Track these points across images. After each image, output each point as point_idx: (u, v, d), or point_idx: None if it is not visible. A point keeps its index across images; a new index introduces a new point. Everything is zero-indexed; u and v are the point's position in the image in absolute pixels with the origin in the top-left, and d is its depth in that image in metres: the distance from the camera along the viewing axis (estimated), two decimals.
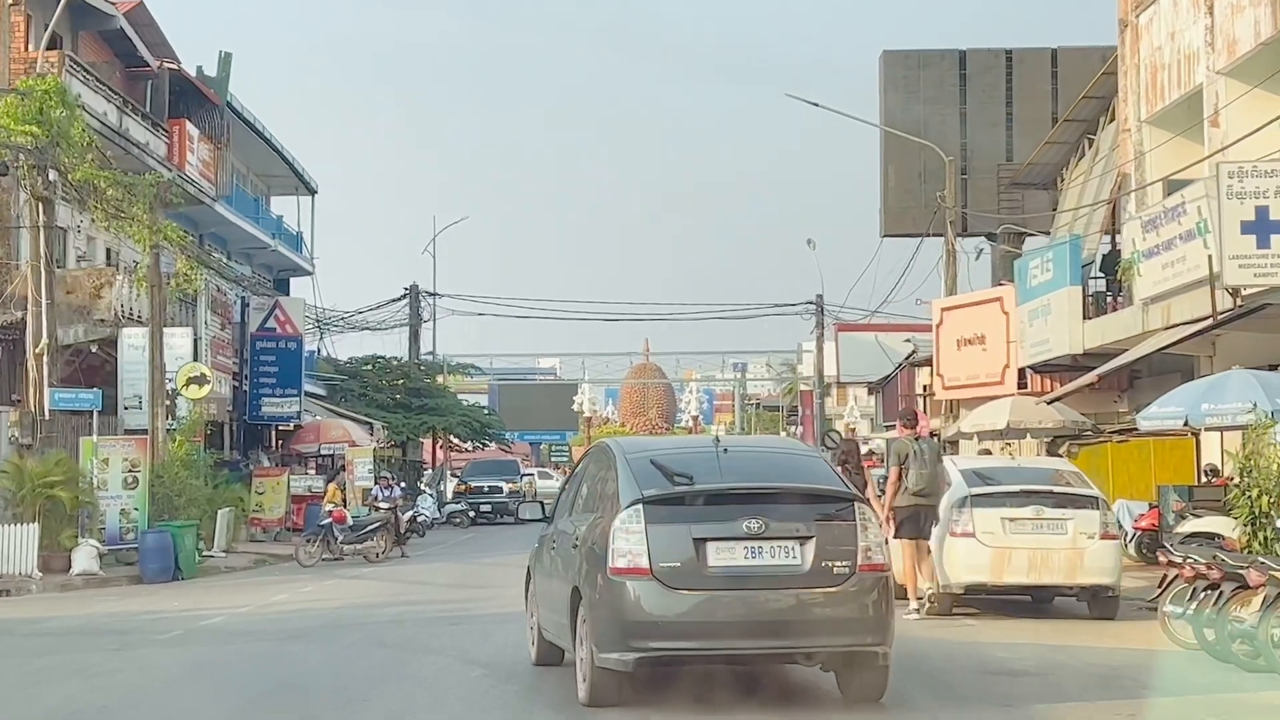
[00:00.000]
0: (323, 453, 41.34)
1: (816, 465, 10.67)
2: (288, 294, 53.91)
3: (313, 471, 39.44)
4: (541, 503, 13.75)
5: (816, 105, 36.59)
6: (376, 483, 31.78)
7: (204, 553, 29.49)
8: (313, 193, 54.99)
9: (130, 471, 26.98)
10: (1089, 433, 27.17)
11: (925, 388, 41.29)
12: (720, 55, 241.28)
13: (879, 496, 17.32)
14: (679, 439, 12.63)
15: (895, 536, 16.41)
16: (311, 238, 55.20)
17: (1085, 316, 26.70)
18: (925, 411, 38.03)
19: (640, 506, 9.58)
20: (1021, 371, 30.27)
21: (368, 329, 55.13)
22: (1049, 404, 27.00)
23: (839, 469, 17.53)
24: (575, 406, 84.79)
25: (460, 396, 65.98)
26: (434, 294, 58.49)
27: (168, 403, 30.44)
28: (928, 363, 40.08)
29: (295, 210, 54.59)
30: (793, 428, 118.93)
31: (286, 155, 50.37)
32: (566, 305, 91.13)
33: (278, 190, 54.97)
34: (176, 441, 28.58)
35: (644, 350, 77.37)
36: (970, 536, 16.20)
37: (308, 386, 51.67)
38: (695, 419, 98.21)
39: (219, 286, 37.51)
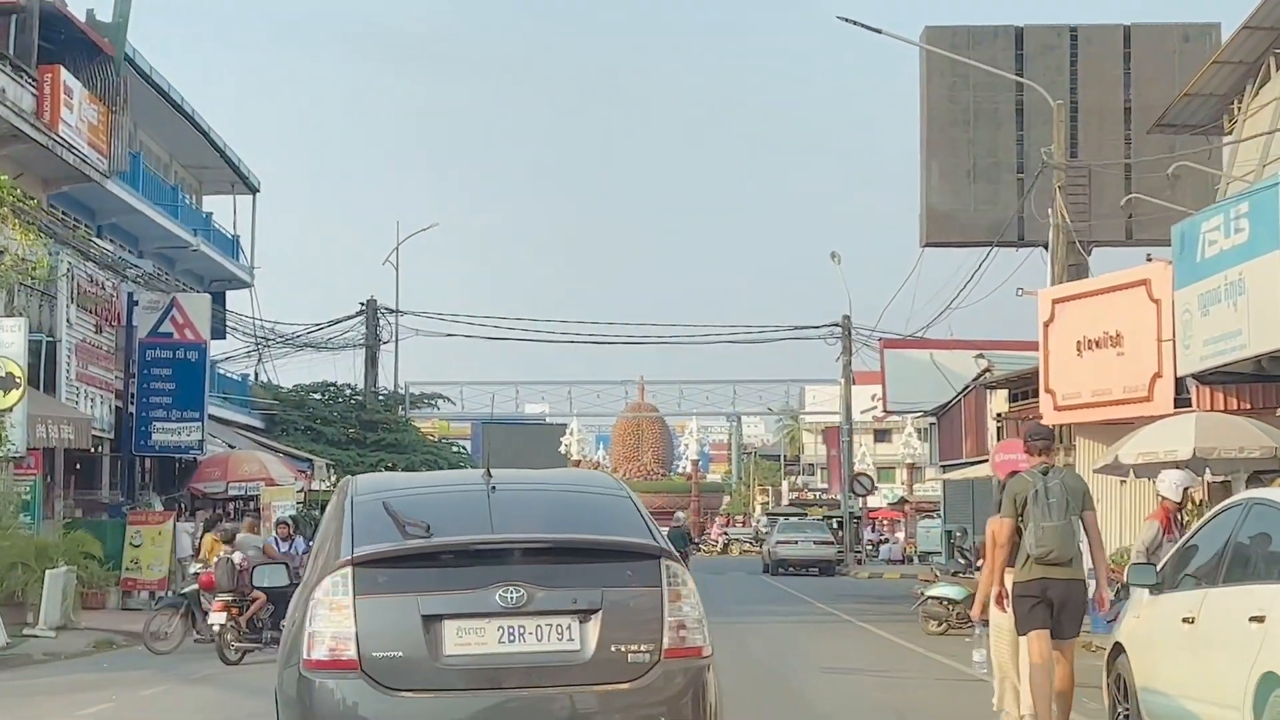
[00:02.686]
0: (231, 493, 32.50)
1: (619, 508, 7.66)
2: (224, 309, 45.41)
3: (203, 516, 30.27)
4: (286, 564, 11.47)
5: (879, 32, 27.99)
6: (275, 531, 22.85)
7: (26, 631, 20.94)
8: (254, 191, 46.50)
9: None
10: None
11: (999, 415, 32.64)
12: (729, 51, 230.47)
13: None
14: (443, 474, 10.37)
15: (1020, 629, 10.73)
16: (251, 243, 46.74)
17: None
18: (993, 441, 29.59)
19: (349, 570, 6.85)
20: (1180, 382, 21.64)
21: (310, 346, 46.45)
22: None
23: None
24: (562, 449, 76.11)
25: (443, 440, 57.65)
26: (395, 311, 50.03)
27: None
28: (1008, 384, 31.47)
29: (232, 211, 46.11)
30: (792, 477, 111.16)
31: (216, 139, 41.81)
32: (550, 326, 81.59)
33: (212, 188, 46.51)
34: None
35: (639, 384, 68.31)
36: None
37: (239, 417, 43.37)
38: (695, 464, 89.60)
39: (91, 275, 28.71)
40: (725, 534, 78.14)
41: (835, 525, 53.76)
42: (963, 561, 27.35)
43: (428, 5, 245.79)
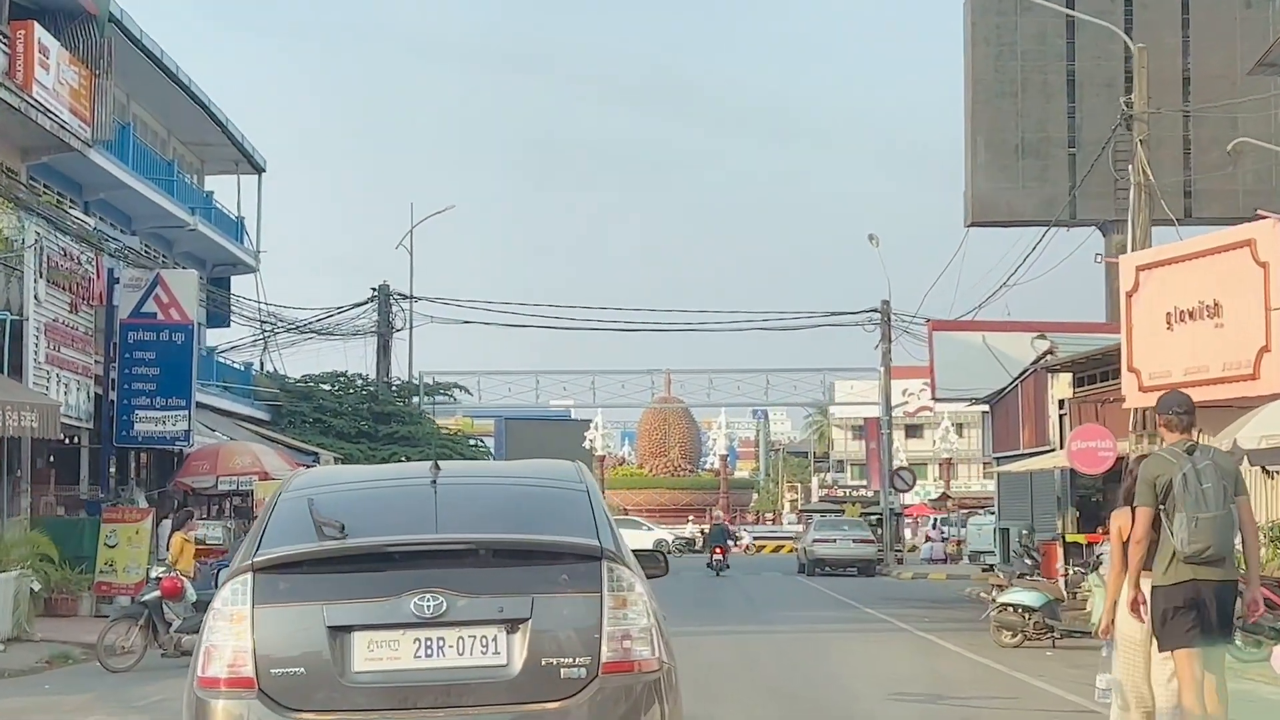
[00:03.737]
0: (222, 488, 29.88)
1: (570, 503, 6.91)
2: (228, 294, 42.93)
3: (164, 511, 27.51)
4: None
5: None
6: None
7: None
8: (259, 170, 43.87)
9: None
10: None
11: (1062, 402, 29.87)
12: (761, 31, 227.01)
13: None
14: (390, 468, 8.39)
15: (1164, 644, 8.84)
16: (257, 225, 44.10)
17: None
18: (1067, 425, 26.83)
19: (249, 577, 6.26)
20: None
21: (318, 333, 43.84)
22: None
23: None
24: (586, 443, 73.42)
25: (459, 434, 55.08)
26: (409, 297, 47.42)
27: None
28: (1074, 366, 28.70)
29: (236, 192, 43.52)
30: (822, 474, 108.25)
31: (216, 113, 39.11)
32: (573, 313, 78.50)
33: (215, 168, 43.92)
34: None
35: (665, 376, 65.41)
36: None
37: (240, 408, 40.85)
38: (723, 459, 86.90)
39: (64, 248, 26.09)
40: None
41: (874, 523, 50.98)
42: (1030, 562, 24.57)
43: None
